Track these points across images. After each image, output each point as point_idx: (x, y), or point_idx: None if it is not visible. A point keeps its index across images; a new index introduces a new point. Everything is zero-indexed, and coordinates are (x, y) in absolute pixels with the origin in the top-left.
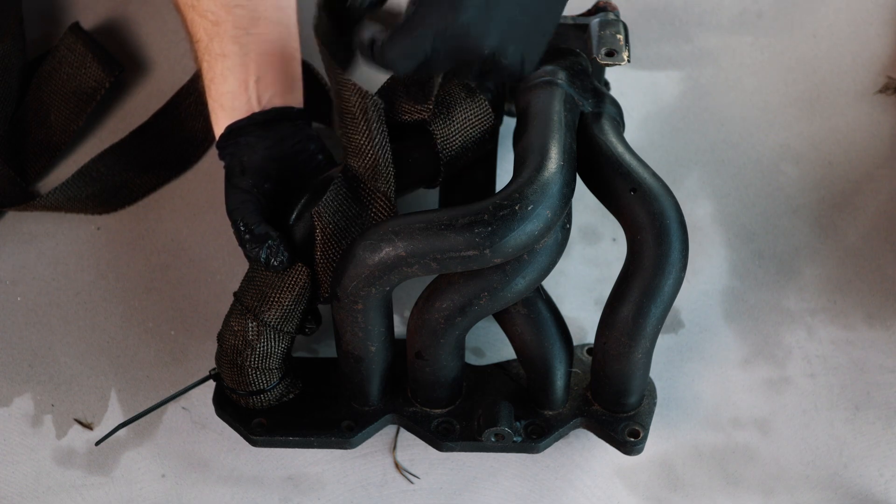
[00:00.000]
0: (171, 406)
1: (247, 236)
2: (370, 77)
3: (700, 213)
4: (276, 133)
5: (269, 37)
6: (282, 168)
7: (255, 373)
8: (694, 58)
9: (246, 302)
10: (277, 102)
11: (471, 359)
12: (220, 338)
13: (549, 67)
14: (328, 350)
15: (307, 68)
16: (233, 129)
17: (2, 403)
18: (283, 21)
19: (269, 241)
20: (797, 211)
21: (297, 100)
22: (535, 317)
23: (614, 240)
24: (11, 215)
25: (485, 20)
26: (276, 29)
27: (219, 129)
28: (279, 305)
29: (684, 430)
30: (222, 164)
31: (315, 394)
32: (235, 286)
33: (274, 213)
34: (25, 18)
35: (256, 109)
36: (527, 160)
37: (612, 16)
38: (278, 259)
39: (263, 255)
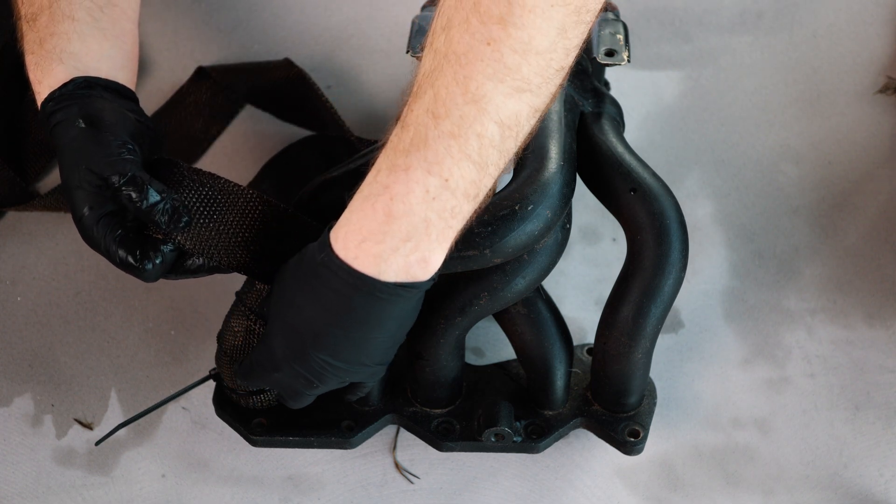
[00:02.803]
0: (171, 406)
1: (136, 191)
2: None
3: (700, 213)
4: (128, 104)
5: (120, 23)
6: (142, 137)
7: None
8: (694, 58)
9: (248, 301)
10: (121, 80)
11: (471, 359)
12: (221, 338)
13: None
14: None
15: (302, 77)
16: (88, 81)
17: (2, 403)
18: (133, 18)
19: (173, 200)
20: (797, 211)
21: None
22: (535, 317)
23: (614, 240)
24: (11, 215)
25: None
26: (128, 22)
27: (53, 78)
28: None
29: (684, 430)
30: (143, 148)
31: None
32: (236, 286)
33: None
34: None
35: (100, 76)
36: (527, 160)
37: (611, 16)
38: (178, 217)
39: (163, 218)
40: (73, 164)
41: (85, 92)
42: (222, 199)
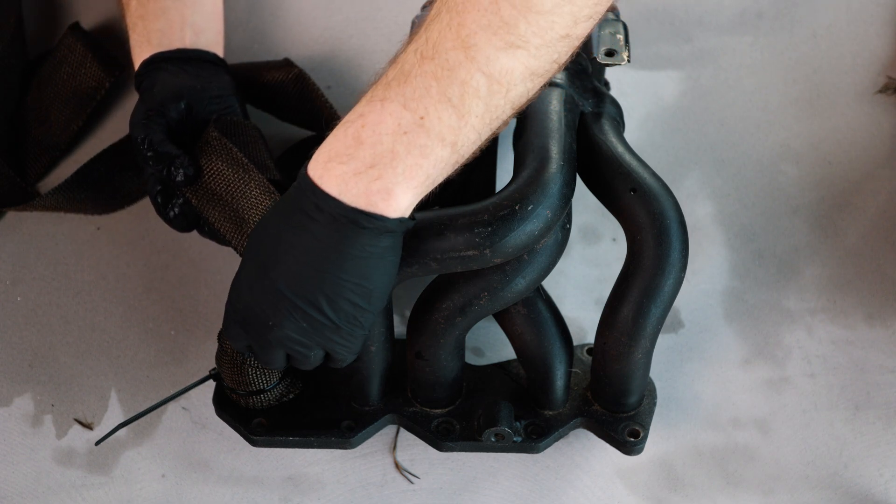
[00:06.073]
0: (171, 406)
1: (149, 153)
2: None
3: (700, 213)
4: (198, 70)
5: None
6: (195, 101)
7: (256, 372)
8: (694, 58)
9: None
10: (203, 47)
11: (471, 359)
12: (221, 337)
13: None
14: None
15: (302, 77)
16: (156, 58)
17: (2, 403)
18: None
19: (176, 160)
20: (797, 211)
21: (220, 51)
22: (535, 317)
23: (614, 240)
24: (11, 215)
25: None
26: None
27: (140, 59)
28: None
29: (684, 430)
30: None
31: (315, 394)
32: None
33: (179, 141)
34: (25, 18)
35: (182, 47)
36: (527, 160)
37: (611, 16)
38: (182, 173)
39: (166, 173)
40: (132, 123)
41: (154, 66)
42: (233, 173)
